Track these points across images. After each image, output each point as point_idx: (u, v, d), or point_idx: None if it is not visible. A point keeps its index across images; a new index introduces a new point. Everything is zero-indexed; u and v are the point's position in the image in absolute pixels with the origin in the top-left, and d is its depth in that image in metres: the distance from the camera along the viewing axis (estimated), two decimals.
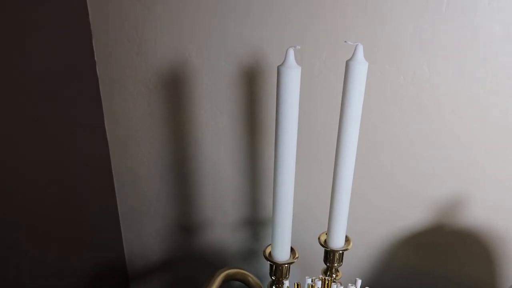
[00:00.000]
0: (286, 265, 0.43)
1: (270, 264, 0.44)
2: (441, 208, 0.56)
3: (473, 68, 0.48)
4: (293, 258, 0.44)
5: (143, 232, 0.73)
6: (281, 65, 0.35)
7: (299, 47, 0.35)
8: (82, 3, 0.56)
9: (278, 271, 0.44)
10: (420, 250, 0.60)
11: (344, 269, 0.52)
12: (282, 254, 0.44)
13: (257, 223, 0.66)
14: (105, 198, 0.69)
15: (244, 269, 0.57)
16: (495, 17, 0.45)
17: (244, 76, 0.56)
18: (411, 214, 0.57)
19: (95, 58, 0.60)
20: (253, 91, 0.57)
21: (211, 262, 0.71)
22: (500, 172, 0.52)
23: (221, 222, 0.67)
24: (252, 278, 0.56)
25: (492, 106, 0.49)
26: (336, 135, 0.43)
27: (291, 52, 0.35)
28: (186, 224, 0.69)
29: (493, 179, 0.53)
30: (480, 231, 0.56)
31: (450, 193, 0.55)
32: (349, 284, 0.40)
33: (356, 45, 0.37)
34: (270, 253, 0.45)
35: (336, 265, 0.47)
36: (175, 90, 0.59)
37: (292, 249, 0.45)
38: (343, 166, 0.41)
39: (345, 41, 0.37)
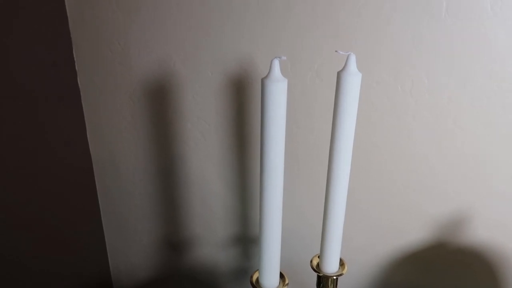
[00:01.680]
0: None
1: None
2: (443, 225, 0.53)
3: (476, 77, 0.44)
4: (283, 285, 0.41)
5: (129, 249, 0.69)
6: (265, 77, 0.32)
7: (285, 58, 0.32)
8: (61, 10, 0.54)
9: None
10: (419, 268, 0.56)
11: None
12: (270, 281, 0.40)
13: (248, 240, 0.62)
14: (88, 214, 0.66)
15: None
16: (498, 23, 0.42)
17: (232, 86, 0.53)
18: (410, 231, 0.54)
19: (76, 68, 0.57)
20: (242, 102, 0.53)
21: (201, 280, 0.68)
22: (504, 187, 0.49)
23: (210, 239, 0.64)
24: None
25: (497, 118, 0.46)
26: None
27: (276, 64, 0.32)
28: (174, 241, 0.66)
29: (498, 195, 0.50)
30: (484, 250, 0.53)
31: (452, 209, 0.52)
32: None
33: (348, 55, 0.34)
34: (257, 280, 0.41)
35: None
36: (160, 101, 0.56)
37: (281, 275, 0.41)
38: (336, 188, 0.38)
39: (336, 51, 0.34)
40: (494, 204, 0.50)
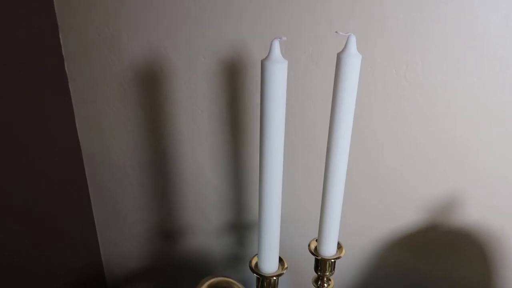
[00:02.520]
0: (274, 278, 0.40)
1: (256, 277, 0.40)
2: (435, 207, 0.54)
3: (469, 61, 0.45)
4: (282, 269, 0.41)
5: (121, 239, 0.69)
6: (265, 59, 0.31)
7: (285, 39, 0.32)
8: None
9: (265, 283, 0.40)
10: (414, 250, 0.57)
11: (336, 274, 0.50)
12: (269, 266, 0.40)
13: (242, 227, 0.62)
14: (79, 204, 0.64)
15: (229, 277, 0.54)
16: (492, 7, 0.42)
17: (225, 72, 0.52)
18: (404, 214, 0.55)
19: (63, 53, 0.56)
20: (236, 88, 0.53)
21: (195, 269, 0.67)
22: (495, 170, 0.50)
23: (204, 227, 0.64)
24: (237, 286, 0.53)
25: (489, 101, 0.46)
26: (327, 134, 0.40)
27: (277, 44, 0.31)
28: (166, 230, 0.65)
29: (489, 177, 0.50)
30: (475, 231, 0.54)
31: (444, 192, 0.52)
32: None
33: (348, 36, 0.34)
34: (256, 264, 0.41)
35: (327, 274, 0.44)
36: (151, 88, 0.55)
37: (280, 259, 0.41)
38: (335, 172, 0.38)
39: (336, 32, 0.34)
40: (486, 186, 0.51)
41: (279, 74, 0.31)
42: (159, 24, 0.51)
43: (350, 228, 0.57)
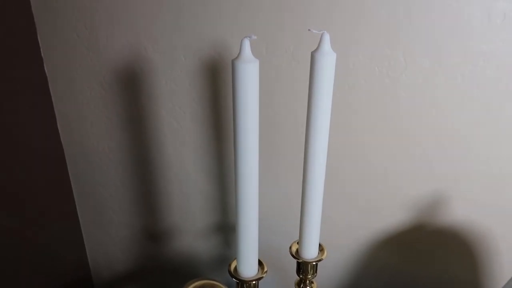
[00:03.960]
0: (254, 282, 0.39)
1: (236, 282, 0.40)
2: (422, 206, 0.53)
3: (452, 56, 0.44)
4: (262, 272, 0.40)
5: (108, 241, 0.68)
6: (235, 58, 0.31)
7: (255, 37, 0.31)
8: None
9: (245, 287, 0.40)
10: (401, 251, 0.56)
11: (320, 276, 0.49)
12: (249, 269, 0.39)
13: (228, 228, 0.61)
14: (63, 207, 0.63)
15: (214, 279, 0.53)
16: (474, 2, 0.41)
17: (206, 71, 0.51)
18: (391, 213, 0.54)
19: (42, 55, 0.54)
20: (218, 88, 0.52)
21: (181, 271, 0.67)
22: (482, 167, 0.49)
23: (189, 228, 0.63)
24: None
25: (473, 97, 0.45)
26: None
27: (247, 43, 0.30)
28: (152, 232, 0.65)
29: (475, 175, 0.50)
30: (462, 230, 0.53)
31: (430, 191, 0.52)
32: None
33: (322, 34, 0.33)
34: (236, 268, 0.40)
35: (310, 276, 0.43)
36: (132, 89, 0.54)
37: (260, 263, 0.40)
38: (312, 174, 0.37)
39: (308, 29, 0.33)
40: (471, 185, 0.50)
41: (250, 73, 0.31)
42: (138, 24, 0.50)
43: (336, 228, 0.56)
